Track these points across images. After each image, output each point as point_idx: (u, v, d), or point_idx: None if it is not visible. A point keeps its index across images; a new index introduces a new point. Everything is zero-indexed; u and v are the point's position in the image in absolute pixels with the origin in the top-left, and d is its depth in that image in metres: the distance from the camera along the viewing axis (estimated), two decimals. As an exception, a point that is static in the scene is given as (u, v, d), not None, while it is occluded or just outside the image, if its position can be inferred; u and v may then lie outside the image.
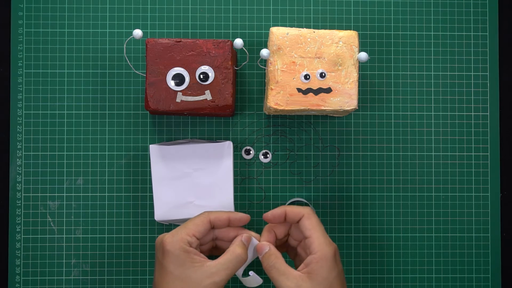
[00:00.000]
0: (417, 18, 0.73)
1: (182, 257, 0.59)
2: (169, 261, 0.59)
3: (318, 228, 0.61)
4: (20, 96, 0.72)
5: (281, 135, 0.73)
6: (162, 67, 0.65)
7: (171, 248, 0.59)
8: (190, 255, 0.59)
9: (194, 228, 0.61)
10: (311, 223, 0.62)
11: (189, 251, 0.59)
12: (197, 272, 0.58)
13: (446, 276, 0.73)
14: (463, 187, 0.73)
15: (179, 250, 0.59)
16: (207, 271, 0.58)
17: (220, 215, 0.63)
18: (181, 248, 0.59)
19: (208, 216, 0.62)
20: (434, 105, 0.73)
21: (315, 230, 0.61)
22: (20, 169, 0.71)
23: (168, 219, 0.68)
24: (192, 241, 0.60)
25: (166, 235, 0.60)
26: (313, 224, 0.61)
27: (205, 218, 0.62)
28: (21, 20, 0.72)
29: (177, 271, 0.58)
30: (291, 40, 0.65)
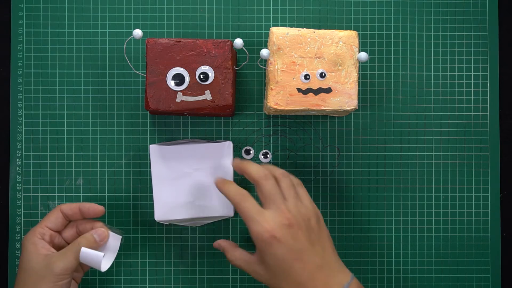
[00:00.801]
0: (417, 18, 0.73)
1: (30, 249, 0.61)
2: (22, 254, 0.62)
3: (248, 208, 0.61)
4: (20, 96, 0.72)
5: (281, 135, 0.73)
6: (162, 67, 0.66)
7: (24, 242, 0.62)
8: (37, 247, 0.61)
9: (46, 219, 0.63)
10: (241, 209, 0.61)
11: (36, 243, 0.61)
12: (39, 262, 0.60)
13: (446, 276, 0.73)
14: (463, 187, 0.73)
15: (29, 243, 0.62)
16: (46, 261, 0.60)
17: (70, 204, 0.64)
18: (29, 240, 0.62)
19: (59, 206, 0.64)
20: (434, 105, 0.73)
21: (244, 215, 0.61)
22: (20, 169, 0.71)
23: (168, 219, 0.68)
24: (44, 232, 0.63)
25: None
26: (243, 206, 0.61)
27: (56, 208, 0.64)
28: (21, 20, 0.72)
29: (23, 263, 0.61)
30: (291, 40, 0.65)
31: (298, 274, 0.59)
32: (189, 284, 0.72)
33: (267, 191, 0.62)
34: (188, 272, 0.72)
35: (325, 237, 0.62)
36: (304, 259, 0.59)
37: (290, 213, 0.60)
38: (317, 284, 0.59)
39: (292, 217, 0.60)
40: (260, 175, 0.62)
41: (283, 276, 0.59)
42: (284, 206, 0.61)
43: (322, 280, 0.59)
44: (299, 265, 0.59)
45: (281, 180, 0.63)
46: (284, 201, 0.61)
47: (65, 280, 0.60)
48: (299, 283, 0.59)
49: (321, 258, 0.60)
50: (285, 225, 0.60)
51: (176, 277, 0.72)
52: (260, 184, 0.62)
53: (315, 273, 0.59)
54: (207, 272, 0.72)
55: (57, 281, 0.60)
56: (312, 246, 0.60)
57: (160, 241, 0.72)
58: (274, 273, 0.60)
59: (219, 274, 0.72)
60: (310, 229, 0.61)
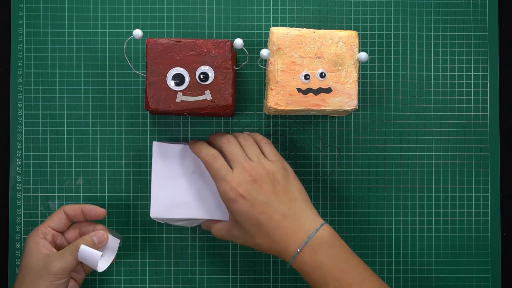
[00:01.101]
0: (417, 18, 0.73)
1: (31, 247, 0.62)
2: (23, 252, 0.63)
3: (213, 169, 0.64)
4: (20, 96, 0.72)
5: (281, 135, 0.73)
6: (162, 67, 0.65)
7: (27, 240, 0.63)
8: (38, 246, 0.62)
9: (49, 219, 0.64)
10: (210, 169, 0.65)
11: (38, 242, 0.63)
12: (38, 261, 0.61)
13: (446, 276, 0.73)
14: (463, 187, 0.73)
15: (31, 241, 0.63)
16: (45, 260, 0.61)
17: (73, 205, 0.65)
18: (32, 239, 0.63)
19: (62, 207, 0.65)
20: (434, 105, 0.73)
21: (214, 176, 0.64)
22: (20, 169, 0.71)
23: (164, 217, 0.68)
24: (47, 232, 0.64)
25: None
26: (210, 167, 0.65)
27: (60, 209, 0.65)
28: (21, 20, 0.72)
29: (24, 261, 0.62)
30: (291, 40, 0.65)
31: (265, 225, 0.61)
32: (189, 284, 0.72)
33: (229, 152, 0.65)
34: (188, 272, 0.72)
35: (294, 189, 0.64)
36: (269, 211, 0.62)
37: (253, 170, 0.63)
38: (284, 233, 0.61)
39: (256, 174, 0.63)
40: (209, 153, 0.65)
41: (254, 231, 0.62)
42: (247, 164, 0.63)
43: (289, 228, 0.61)
44: (265, 217, 0.62)
45: (242, 143, 0.66)
46: (246, 159, 0.64)
47: (61, 280, 0.61)
48: (268, 234, 0.62)
49: (288, 207, 0.62)
50: (248, 182, 0.62)
51: (176, 277, 0.72)
52: (222, 148, 0.65)
53: (281, 222, 0.61)
54: (207, 272, 0.72)
55: (54, 280, 0.60)
56: (277, 198, 0.63)
57: (160, 241, 0.72)
58: (246, 231, 0.63)
59: (219, 274, 0.72)
60: (276, 182, 0.63)
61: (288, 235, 0.61)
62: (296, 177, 0.65)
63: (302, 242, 0.61)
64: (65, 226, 0.65)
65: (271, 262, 0.72)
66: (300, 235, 0.61)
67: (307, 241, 0.60)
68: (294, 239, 0.61)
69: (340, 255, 0.61)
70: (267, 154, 0.65)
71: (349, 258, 0.61)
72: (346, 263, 0.61)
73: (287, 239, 0.61)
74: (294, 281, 0.72)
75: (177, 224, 0.70)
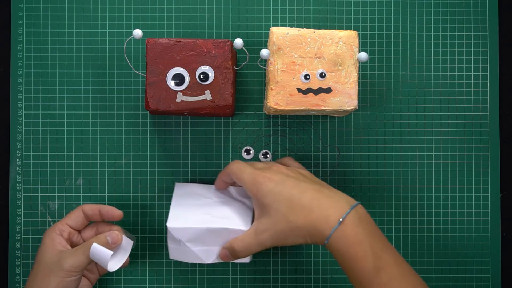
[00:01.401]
0: (417, 18, 0.73)
1: (46, 243, 0.63)
2: (39, 248, 0.63)
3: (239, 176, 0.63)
4: (20, 96, 0.72)
5: (281, 135, 0.73)
6: (162, 67, 0.65)
7: (44, 236, 0.64)
8: (54, 242, 0.63)
9: (67, 217, 0.65)
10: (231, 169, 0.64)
11: (54, 238, 0.63)
12: (52, 257, 0.61)
13: (446, 276, 0.73)
14: (463, 187, 0.73)
15: (47, 237, 0.63)
16: (58, 256, 0.61)
17: (92, 205, 0.65)
18: (48, 235, 0.63)
19: (81, 206, 0.65)
20: (434, 105, 0.73)
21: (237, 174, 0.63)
22: (20, 169, 0.71)
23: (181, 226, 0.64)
24: (64, 229, 0.64)
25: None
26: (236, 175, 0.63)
27: (79, 207, 0.65)
28: (21, 20, 0.72)
29: (38, 255, 0.63)
30: (291, 40, 0.65)
31: (300, 198, 0.58)
32: (189, 284, 0.72)
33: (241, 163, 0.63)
34: (188, 272, 0.72)
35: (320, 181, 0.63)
36: (301, 185, 0.60)
37: (276, 167, 0.63)
38: (322, 203, 0.58)
39: (279, 169, 0.62)
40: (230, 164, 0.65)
41: (286, 208, 0.58)
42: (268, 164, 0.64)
43: (326, 199, 0.58)
44: (298, 191, 0.59)
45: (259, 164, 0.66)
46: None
47: (73, 277, 0.61)
48: (303, 207, 0.58)
49: (320, 184, 0.61)
50: (273, 170, 0.62)
51: (176, 277, 0.72)
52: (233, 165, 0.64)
53: (316, 193, 0.59)
54: (207, 272, 0.72)
55: (65, 277, 0.60)
56: (306, 180, 0.61)
57: (160, 241, 0.72)
58: (277, 213, 0.59)
59: (219, 274, 0.72)
60: (300, 175, 0.62)
61: (326, 205, 0.57)
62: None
63: (343, 213, 0.57)
64: (82, 224, 0.66)
65: (271, 262, 0.72)
66: (341, 205, 0.57)
67: (350, 210, 0.57)
68: (334, 208, 0.57)
69: (377, 232, 0.58)
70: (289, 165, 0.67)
71: (383, 238, 0.58)
72: (384, 242, 0.58)
73: (326, 208, 0.57)
74: (294, 281, 0.72)
75: (193, 258, 0.65)
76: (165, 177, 0.72)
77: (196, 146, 0.72)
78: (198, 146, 0.72)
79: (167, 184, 0.72)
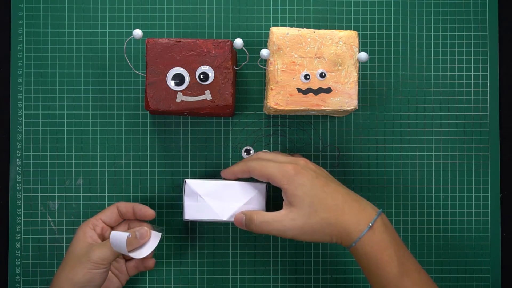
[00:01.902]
0: (417, 18, 0.73)
1: (79, 235, 0.64)
2: (72, 242, 0.64)
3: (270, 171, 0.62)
4: (20, 96, 0.72)
5: (281, 135, 0.73)
6: (162, 67, 0.65)
7: (77, 229, 0.65)
8: (85, 235, 0.64)
9: (101, 213, 0.66)
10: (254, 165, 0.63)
11: (86, 231, 0.64)
12: (82, 249, 0.63)
13: (446, 276, 0.73)
14: (463, 187, 0.73)
15: (80, 230, 0.65)
16: (88, 249, 0.62)
17: (126, 203, 0.67)
18: (82, 228, 0.65)
19: (116, 203, 0.67)
20: (434, 105, 0.73)
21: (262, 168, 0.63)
22: (20, 169, 0.71)
23: (198, 180, 0.66)
24: (97, 224, 0.65)
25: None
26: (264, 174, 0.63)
27: (113, 204, 0.67)
28: (21, 20, 0.72)
29: (70, 247, 0.64)
30: (291, 40, 0.65)
31: (332, 197, 0.60)
32: (189, 284, 0.72)
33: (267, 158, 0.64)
34: (188, 272, 0.72)
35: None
36: (333, 185, 0.61)
37: (300, 160, 0.63)
38: (352, 206, 0.60)
39: (306, 164, 0.63)
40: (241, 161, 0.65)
41: (318, 204, 0.60)
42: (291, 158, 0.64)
43: (356, 203, 0.61)
44: (331, 190, 0.61)
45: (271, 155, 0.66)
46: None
47: (99, 270, 0.61)
48: (336, 206, 0.60)
49: (346, 189, 0.62)
50: (302, 166, 0.62)
51: (176, 277, 0.72)
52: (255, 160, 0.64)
53: (346, 197, 0.61)
54: (207, 272, 0.72)
55: (92, 269, 0.61)
56: (334, 182, 0.62)
57: (160, 241, 0.72)
58: (310, 206, 0.60)
59: (219, 274, 0.72)
60: (327, 175, 0.63)
61: (356, 209, 0.60)
62: None
63: (372, 217, 0.59)
64: (116, 221, 0.67)
65: (271, 262, 0.72)
66: (369, 211, 0.60)
67: (378, 215, 0.60)
68: (364, 213, 0.59)
69: (400, 240, 0.61)
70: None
71: (405, 246, 0.61)
72: (406, 250, 0.61)
73: (357, 212, 0.59)
74: (294, 281, 0.72)
75: (209, 214, 0.66)
76: (165, 177, 0.72)
77: (196, 146, 0.72)
78: (198, 146, 0.72)
79: (167, 184, 0.72)
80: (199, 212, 0.66)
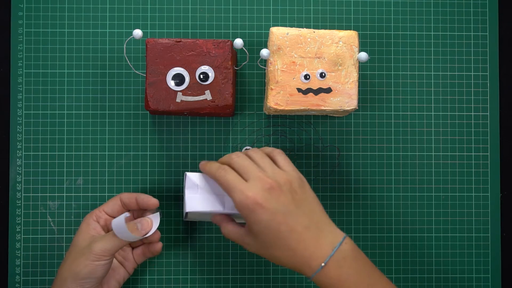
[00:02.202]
0: (417, 18, 0.73)
1: (82, 227, 0.65)
2: (76, 234, 0.65)
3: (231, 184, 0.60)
4: (20, 96, 0.72)
5: (281, 135, 0.73)
6: (162, 67, 0.66)
7: (82, 222, 0.66)
8: (89, 227, 0.64)
9: (105, 204, 0.66)
10: (223, 182, 0.61)
11: (89, 223, 0.65)
12: (84, 240, 0.63)
13: (446, 276, 0.73)
14: (463, 187, 0.73)
15: (84, 222, 0.65)
16: (90, 240, 0.63)
17: (129, 194, 0.67)
18: (85, 220, 0.65)
19: (119, 194, 0.67)
20: (434, 105, 0.73)
21: (226, 188, 0.61)
22: (20, 169, 0.71)
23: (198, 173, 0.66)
24: (101, 216, 0.66)
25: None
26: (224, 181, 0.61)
27: (117, 196, 0.67)
28: (21, 20, 0.72)
29: (74, 239, 0.64)
30: (291, 40, 0.65)
31: (286, 237, 0.58)
32: (189, 284, 0.72)
33: (240, 166, 0.61)
34: (188, 272, 0.72)
35: (312, 199, 0.61)
36: (290, 222, 0.58)
37: (269, 178, 0.60)
38: (307, 245, 0.58)
39: (272, 181, 0.59)
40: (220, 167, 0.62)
41: (272, 242, 0.59)
42: (262, 173, 0.60)
43: (311, 241, 0.58)
44: (286, 228, 0.58)
45: (252, 156, 0.63)
46: (260, 169, 0.61)
47: (102, 261, 0.61)
48: (288, 247, 0.58)
49: (309, 219, 0.59)
50: (266, 189, 0.59)
51: (176, 277, 0.72)
52: (231, 163, 0.62)
53: (303, 234, 0.58)
54: (207, 272, 0.72)
55: (94, 260, 0.61)
56: (297, 207, 0.59)
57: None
58: (263, 242, 0.59)
59: (219, 274, 0.72)
60: (293, 192, 0.60)
61: (311, 248, 0.58)
62: (310, 187, 0.63)
63: (326, 256, 0.58)
64: (119, 212, 0.66)
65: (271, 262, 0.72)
66: (324, 248, 0.58)
67: (332, 254, 0.58)
68: (318, 252, 0.58)
69: (365, 268, 0.59)
70: (281, 165, 0.63)
71: (373, 272, 0.59)
72: (370, 277, 0.59)
73: (310, 253, 0.58)
74: (294, 281, 0.72)
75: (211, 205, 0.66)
76: (165, 177, 0.72)
77: (196, 146, 0.72)
78: (198, 146, 0.72)
79: (167, 184, 0.72)
80: (200, 204, 0.65)
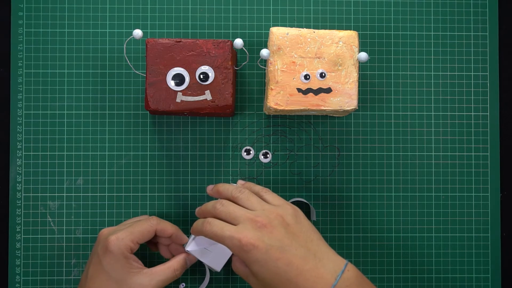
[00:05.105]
0: (417, 18, 0.74)
1: (122, 262, 0.62)
2: (109, 262, 0.61)
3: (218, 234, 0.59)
4: (20, 96, 0.72)
5: (281, 135, 0.73)
6: (162, 67, 0.66)
7: (114, 250, 0.62)
8: (129, 261, 0.62)
9: (139, 236, 0.64)
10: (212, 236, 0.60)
11: (128, 257, 0.62)
12: (132, 278, 0.61)
13: (446, 276, 0.73)
14: (463, 187, 0.73)
15: (120, 255, 0.62)
16: (141, 279, 0.61)
17: (166, 227, 0.65)
18: (122, 253, 0.62)
19: (155, 226, 0.65)
20: (434, 105, 0.73)
21: (218, 239, 0.60)
22: (20, 169, 0.72)
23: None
24: (134, 248, 0.63)
25: (111, 232, 0.64)
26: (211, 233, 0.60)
27: (152, 227, 0.65)
28: (21, 20, 0.72)
29: (114, 273, 0.61)
30: (291, 40, 0.65)
31: (285, 272, 0.57)
32: (189, 284, 0.72)
33: (226, 214, 0.60)
34: (188, 272, 0.72)
35: (307, 228, 0.60)
36: (287, 256, 0.57)
37: (258, 216, 0.59)
38: (307, 277, 0.57)
39: (262, 218, 0.58)
40: (204, 221, 0.61)
41: (273, 279, 0.57)
42: (250, 213, 0.59)
43: (312, 272, 0.57)
44: (283, 263, 0.57)
45: (238, 197, 0.62)
46: (247, 211, 0.60)
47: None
48: (289, 281, 0.57)
49: (306, 249, 0.58)
50: (257, 228, 0.58)
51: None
52: (217, 214, 0.61)
53: (302, 266, 0.57)
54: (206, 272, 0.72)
55: None
56: (292, 240, 0.58)
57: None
58: (264, 279, 0.58)
59: (219, 274, 0.72)
60: (286, 225, 0.59)
61: (313, 280, 0.56)
62: (305, 216, 0.61)
63: (329, 286, 0.56)
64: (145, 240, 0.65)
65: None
66: (326, 278, 0.56)
67: (335, 283, 0.56)
68: (320, 283, 0.56)
69: None
70: (271, 201, 0.62)
71: None
72: None
73: (311, 284, 0.56)
74: None
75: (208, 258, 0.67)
76: (165, 177, 0.72)
77: (196, 146, 0.72)
78: (198, 146, 0.72)
79: (167, 184, 0.72)
80: (201, 255, 0.66)
